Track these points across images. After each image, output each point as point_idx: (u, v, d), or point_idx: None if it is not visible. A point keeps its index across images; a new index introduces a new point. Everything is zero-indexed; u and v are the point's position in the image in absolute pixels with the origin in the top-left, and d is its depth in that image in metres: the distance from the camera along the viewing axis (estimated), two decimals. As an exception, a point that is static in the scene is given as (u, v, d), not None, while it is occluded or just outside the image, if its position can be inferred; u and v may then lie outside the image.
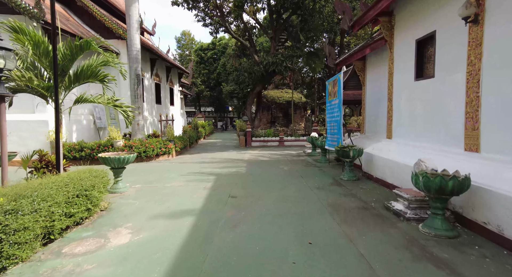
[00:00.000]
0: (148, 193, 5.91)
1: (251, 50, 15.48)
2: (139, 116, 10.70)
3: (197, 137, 17.40)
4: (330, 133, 8.73)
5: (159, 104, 18.32)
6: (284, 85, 20.55)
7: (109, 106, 6.35)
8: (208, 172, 8.03)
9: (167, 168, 8.77)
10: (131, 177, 7.38)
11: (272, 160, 10.42)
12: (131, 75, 10.56)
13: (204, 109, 44.34)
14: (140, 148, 9.96)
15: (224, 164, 9.53)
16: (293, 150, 13.53)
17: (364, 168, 7.37)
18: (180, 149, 12.15)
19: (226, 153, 12.69)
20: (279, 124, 19.56)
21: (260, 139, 14.88)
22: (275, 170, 8.27)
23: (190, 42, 41.72)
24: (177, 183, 6.72)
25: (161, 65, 18.74)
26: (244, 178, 7.20)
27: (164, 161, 10.36)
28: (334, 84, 8.34)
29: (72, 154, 9.46)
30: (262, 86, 15.09)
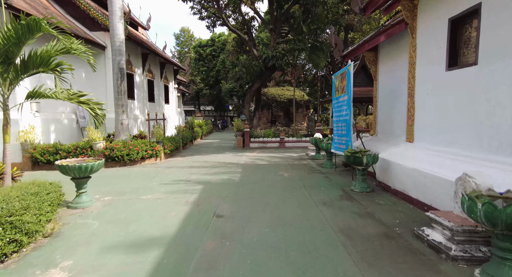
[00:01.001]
0: (116, 208, 4.80)
1: (249, 44, 14.34)
2: (122, 115, 9.61)
3: (193, 138, 16.31)
4: (337, 134, 7.60)
5: (152, 102, 17.24)
6: (286, 82, 19.38)
7: (73, 102, 5.24)
8: (196, 180, 6.92)
9: (150, 175, 7.67)
10: (104, 187, 6.29)
11: (271, 164, 9.29)
12: (114, 69, 9.47)
13: (204, 108, 43.28)
14: (123, 151, 8.87)
15: (217, 169, 8.42)
16: (295, 152, 12.40)
17: (378, 176, 6.23)
18: (170, 151, 11.06)
19: (221, 155, 11.58)
20: (279, 124, 18.42)
21: (259, 139, 13.76)
22: (273, 177, 7.15)
23: (189, 39, 40.63)
24: (155, 195, 5.62)
25: (155, 61, 17.66)
26: (236, 189, 6.08)
27: (150, 165, 9.26)
28: (342, 78, 7.19)
29: (46, 157, 8.38)
30: (261, 83, 13.95)
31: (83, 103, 5.30)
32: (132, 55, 14.54)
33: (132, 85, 14.66)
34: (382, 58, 7.77)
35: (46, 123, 9.71)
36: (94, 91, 12.60)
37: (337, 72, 7.79)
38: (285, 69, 13.22)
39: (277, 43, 13.30)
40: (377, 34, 6.97)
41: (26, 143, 8.41)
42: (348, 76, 6.77)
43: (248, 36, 15.31)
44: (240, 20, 16.63)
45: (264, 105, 18.47)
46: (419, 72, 5.43)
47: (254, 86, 13.82)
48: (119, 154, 8.78)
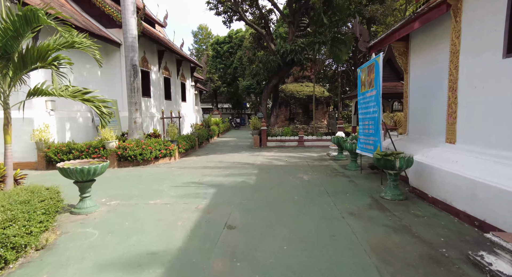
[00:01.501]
0: (121, 215, 4.42)
1: (267, 39, 13.73)
2: (136, 113, 9.33)
3: (209, 136, 15.97)
4: (363, 134, 6.88)
5: (169, 100, 17.07)
6: (305, 78, 18.62)
7: (77, 100, 4.91)
8: (208, 182, 6.46)
9: (162, 176, 7.30)
10: (113, 189, 5.97)
11: (290, 165, 8.70)
12: (127, 66, 9.19)
13: (221, 106, 43.13)
14: (136, 150, 8.58)
15: (231, 170, 7.93)
16: (315, 151, 11.71)
17: (412, 181, 5.49)
18: (185, 150, 10.72)
19: (237, 154, 11.10)
20: (298, 121, 17.72)
21: (276, 138, 13.17)
22: (292, 181, 6.56)
23: (207, 36, 40.48)
24: (164, 200, 5.20)
25: (171, 58, 17.44)
26: (251, 194, 5.55)
27: (163, 165, 8.93)
28: (369, 71, 6.47)
29: (59, 156, 8.24)
30: (278, 79, 13.30)
31: (88, 101, 4.96)
32: (148, 53, 14.35)
33: (148, 83, 14.50)
34: (414, 48, 6.94)
35: (61, 122, 9.62)
36: (110, 89, 12.53)
37: (363, 65, 7.06)
38: (304, 64, 12.51)
39: (296, 36, 12.60)
40: (409, 21, 6.17)
41: (41, 141, 8.31)
42: (376, 69, 6.04)
43: (266, 30, 14.70)
44: (257, 14, 16.04)
45: (282, 103, 17.84)
46: (463, 62, 4.64)
47: (271, 82, 13.20)
48: (132, 153, 8.51)
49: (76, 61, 10.92)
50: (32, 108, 8.65)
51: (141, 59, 13.69)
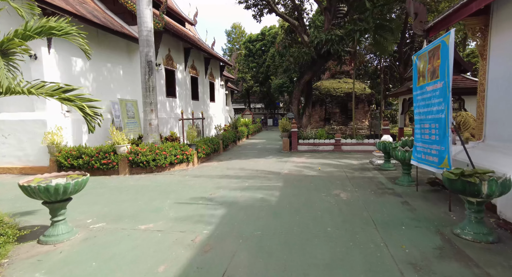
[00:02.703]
0: (94, 249, 3.39)
1: (299, 30, 12.26)
2: (151, 115, 8.50)
3: (236, 138, 14.92)
4: (422, 140, 5.20)
5: (196, 101, 16.36)
6: (342, 73, 16.75)
7: (55, 99, 4.01)
8: (220, 199, 5.28)
9: (170, 187, 6.29)
10: (106, 205, 5.05)
11: (323, 175, 7.21)
12: (141, 63, 8.39)
13: (254, 106, 42.21)
14: (149, 156, 7.73)
15: (251, 181, 6.69)
16: (355, 157, 10.01)
17: (503, 211, 3.78)
18: (206, 154, 9.71)
19: (263, 160, 9.83)
20: (335, 122, 15.95)
21: (308, 141, 11.66)
22: (325, 200, 5.12)
23: (241, 35, 39.78)
24: (158, 224, 4.12)
25: (199, 57, 16.72)
26: (268, 220, 4.25)
27: (178, 171, 7.97)
28: (432, 56, 4.79)
29: (69, 161, 7.66)
30: (312, 74, 11.75)
31: (68, 101, 4.05)
32: (173, 50, 13.68)
33: (173, 82, 13.85)
34: (500, 24, 5.09)
35: (78, 124, 9.14)
36: (132, 89, 11.99)
37: (420, 50, 5.36)
38: (342, 57, 10.85)
39: (332, 25, 10.98)
40: (494, -16, 4.40)
41: (53, 145, 7.80)
42: (444, 52, 4.38)
43: (299, 22, 13.22)
44: (290, 5, 14.62)
45: (316, 101, 16.20)
46: None
47: (303, 78, 11.70)
48: (144, 159, 7.66)
49: (95, 59, 10.55)
50: (46, 110, 8.22)
51: (166, 58, 13.05)
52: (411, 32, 25.53)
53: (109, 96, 10.74)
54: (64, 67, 8.83)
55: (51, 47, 8.06)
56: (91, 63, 9.98)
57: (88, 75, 9.90)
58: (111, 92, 10.94)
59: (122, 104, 10.33)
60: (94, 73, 10.16)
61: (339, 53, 10.44)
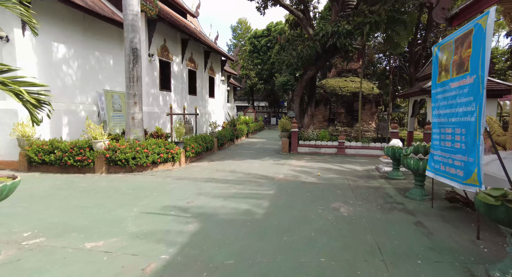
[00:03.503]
0: (10, 278, 2.58)
1: (304, 23, 11.35)
2: (135, 108, 7.70)
3: (233, 137, 14.09)
4: (442, 148, 4.30)
5: (194, 95, 15.54)
6: (350, 72, 15.80)
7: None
8: (197, 209, 4.45)
9: (144, 191, 5.48)
10: (58, 215, 4.25)
11: (323, 183, 6.34)
12: (126, 50, 7.58)
13: (258, 104, 41.32)
14: (128, 153, 6.93)
15: (239, 187, 5.85)
16: (359, 163, 9.11)
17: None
18: (196, 153, 8.89)
19: (258, 161, 8.98)
20: (339, 123, 15.02)
21: (310, 143, 10.77)
22: (321, 216, 4.26)
23: (246, 31, 38.88)
24: (110, 241, 3.30)
25: (198, 49, 15.89)
26: (249, 241, 3.40)
27: (162, 172, 7.17)
28: (461, 44, 3.88)
29: (40, 156, 6.89)
30: (316, 70, 10.83)
31: (3, 85, 3.21)
32: (169, 41, 12.86)
33: (168, 75, 13.05)
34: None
35: (57, 116, 8.36)
36: (123, 79, 11.21)
37: (444, 39, 4.45)
38: (349, 52, 9.92)
39: (340, 16, 10.04)
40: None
41: (23, 138, 7.04)
42: (479, 38, 3.48)
43: (304, 14, 12.30)
44: (295, -2, 13.69)
45: (320, 100, 15.29)
46: None
47: (306, 74, 10.79)
48: (123, 157, 6.86)
49: (80, 46, 9.76)
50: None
51: (161, 48, 12.24)
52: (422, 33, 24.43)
53: (96, 87, 9.98)
54: (42, 53, 8.06)
55: (26, 29, 7.28)
56: (76, 50, 9.21)
57: (72, 63, 9.13)
58: (99, 83, 10.17)
59: (107, 96, 9.54)
60: (80, 61, 9.39)
61: (346, 47, 9.51)
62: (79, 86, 9.41)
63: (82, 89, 9.53)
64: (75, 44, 9.15)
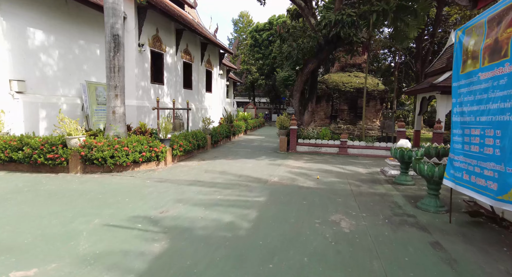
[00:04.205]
0: None
1: (305, 12, 10.53)
2: (116, 101, 6.97)
3: (230, 133, 13.37)
4: (466, 153, 3.54)
5: (189, 89, 14.80)
6: (354, 67, 14.98)
7: None
8: (170, 222, 3.74)
9: (116, 195, 4.78)
10: (2, 224, 3.54)
11: (321, 188, 5.62)
12: (106, 37, 6.84)
13: (259, 100, 40.52)
14: (106, 151, 6.22)
15: (227, 193, 5.13)
16: (363, 164, 8.36)
17: None
18: (185, 151, 8.18)
19: (253, 161, 8.26)
20: (342, 120, 14.24)
21: (310, 141, 10.02)
22: (317, 234, 3.53)
23: (248, 24, 37.91)
24: (44, 270, 2.60)
25: (194, 41, 15.10)
26: (221, 273, 2.69)
27: (143, 172, 6.47)
28: (497, 24, 3.11)
29: (7, 153, 6.20)
30: (317, 63, 10.03)
31: None
32: (162, 31, 12.09)
33: (161, 67, 12.31)
34: None
35: (33, 109, 7.69)
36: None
37: (471, 20, 3.67)
38: (354, 43, 9.11)
39: (344, 4, 9.22)
40: None
41: (-11, 132, 6.36)
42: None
43: (306, 3, 11.47)
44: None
45: (322, 96, 14.50)
46: None
47: (307, 67, 10.00)
48: (99, 155, 6.15)
49: (62, 33, 8.99)
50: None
51: (152, 38, 11.49)
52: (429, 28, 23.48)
53: (81, 79, 9.25)
54: (16, 39, 7.35)
55: (-7, 12, 6.55)
56: (57, 38, 8.48)
57: (52, 51, 8.40)
58: (85, 74, 9.45)
59: (90, 88, 8.82)
60: (62, 50, 8.66)
61: (350, 38, 8.71)
62: (61, 77, 8.70)
63: (64, 80, 8.82)
64: (56, 32, 8.42)
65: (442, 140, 9.00)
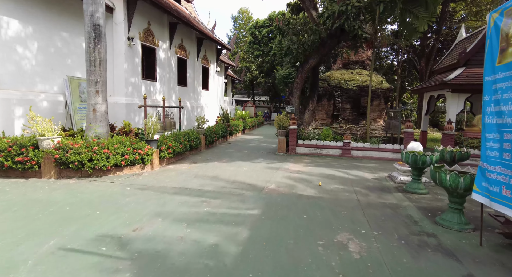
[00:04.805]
0: None
1: (306, 4, 9.83)
2: (97, 97, 6.30)
3: (226, 133, 12.71)
4: (503, 162, 2.88)
5: (184, 87, 14.10)
6: (357, 64, 14.30)
7: None
8: (141, 245, 3.08)
9: (85, 208, 4.11)
10: None
11: (324, 199, 4.95)
12: (85, 26, 6.15)
13: (258, 99, 39.81)
14: (83, 154, 5.55)
15: (215, 204, 4.47)
16: (368, 168, 7.70)
17: None
18: (175, 153, 7.52)
19: (248, 164, 7.60)
20: (344, 120, 13.58)
21: (310, 142, 9.35)
22: (320, 263, 2.87)
23: (248, 21, 37.16)
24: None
25: (189, 36, 14.40)
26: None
27: (126, 177, 5.80)
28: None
29: (-29, 156, 5.53)
30: (319, 59, 9.33)
31: None
32: (154, 24, 11.40)
33: (153, 62, 11.61)
34: None
35: (6, 105, 7.00)
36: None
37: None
38: (359, 37, 8.41)
39: (349, -5, 8.53)
40: None
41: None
42: None
43: (308, -4, 10.75)
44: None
45: (323, 94, 13.82)
46: None
47: (308, 63, 9.31)
48: (75, 158, 5.48)
49: (42, 24, 7.75)
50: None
51: (144, 32, 10.80)
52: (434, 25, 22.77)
53: (64, 74, 8.57)
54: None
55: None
56: (36, 29, 7.78)
57: (31, 44, 7.71)
58: (69, 69, 8.76)
59: (73, 84, 8.15)
60: (42, 42, 7.97)
61: (355, 31, 8.02)
62: (41, 72, 8.02)
63: (45, 75, 8.13)
64: (35, 22, 7.73)
65: (453, 141, 8.34)
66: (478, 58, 8.61)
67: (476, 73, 8.56)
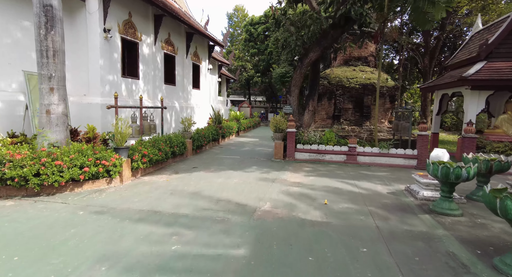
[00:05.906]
0: None
1: (306, -8, 8.71)
2: (50, 96, 5.12)
3: (218, 136, 11.56)
4: None
5: (172, 85, 12.92)
6: (359, 60, 13.22)
7: None
8: None
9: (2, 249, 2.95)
10: None
11: (333, 227, 3.83)
12: (34, 8, 4.98)
13: (254, 99, 38.71)
14: (27, 167, 4.38)
15: (189, 238, 3.33)
16: (378, 177, 6.58)
17: None
18: (152, 162, 6.36)
19: (240, 174, 6.46)
20: (346, 121, 12.49)
21: (311, 147, 8.23)
22: None
23: (243, 19, 36.04)
24: None
25: (177, 30, 13.23)
26: None
27: (85, 195, 4.64)
28: None
29: None
30: (320, 52, 8.18)
31: None
32: (137, 16, 10.22)
33: (135, 58, 10.43)
34: None
35: None
36: (71, 62, 8.68)
37: None
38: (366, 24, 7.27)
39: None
40: None
41: None
42: None
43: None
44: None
45: (323, 93, 12.72)
46: None
47: (307, 57, 8.16)
48: (17, 173, 4.31)
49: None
50: None
51: (124, 24, 9.62)
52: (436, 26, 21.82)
53: (26, 70, 7.39)
54: None
55: None
56: (-13, 16, 6.59)
57: (-19, 33, 6.52)
58: (31, 64, 7.56)
59: (32, 81, 6.95)
60: (-6, 32, 6.78)
61: (362, 18, 6.91)
62: (-3, 67, 6.83)
63: (0, 71, 6.95)
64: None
65: (475, 146, 7.26)
66: (503, 50, 7.56)
67: (500, 67, 7.50)
